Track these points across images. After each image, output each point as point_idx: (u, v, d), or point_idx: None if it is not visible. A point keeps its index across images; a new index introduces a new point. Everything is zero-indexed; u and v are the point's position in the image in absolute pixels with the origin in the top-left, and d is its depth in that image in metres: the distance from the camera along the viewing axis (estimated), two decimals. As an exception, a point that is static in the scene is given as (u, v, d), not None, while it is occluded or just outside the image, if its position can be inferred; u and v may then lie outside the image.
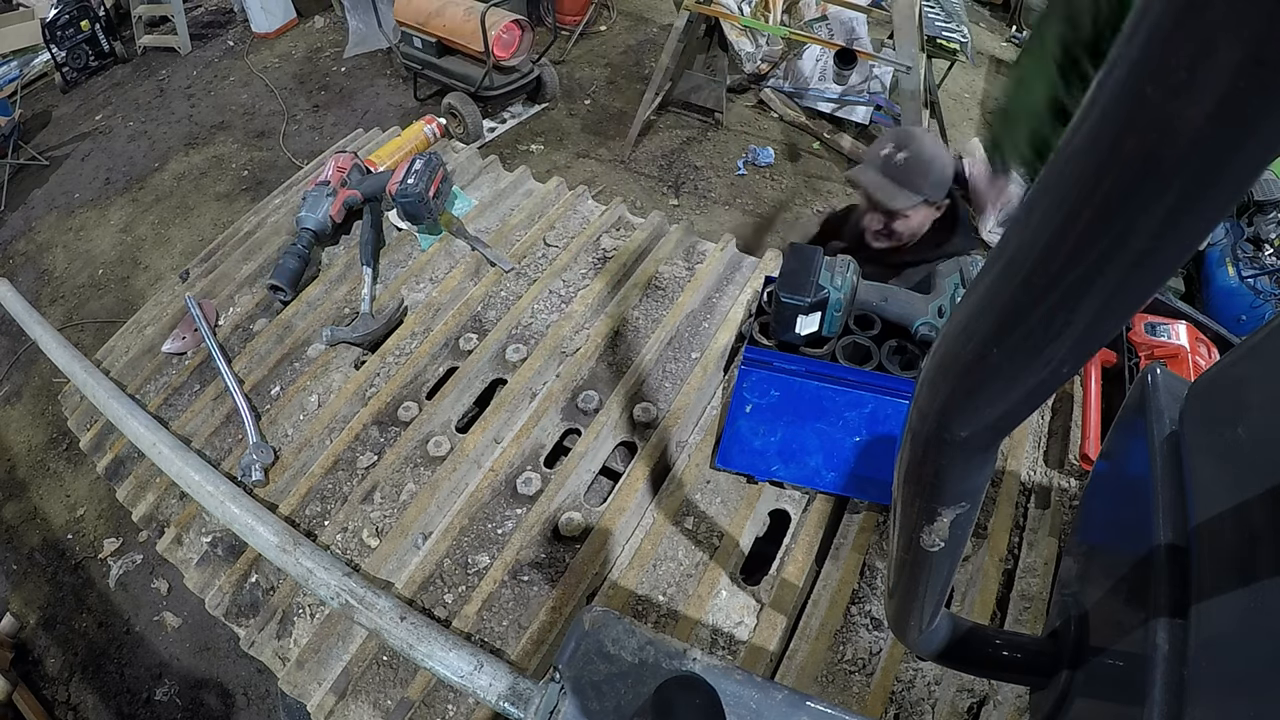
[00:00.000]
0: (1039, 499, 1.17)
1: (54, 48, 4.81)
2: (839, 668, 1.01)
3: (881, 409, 1.18)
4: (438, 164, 1.60)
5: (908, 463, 0.42)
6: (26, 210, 4.18)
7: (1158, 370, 0.63)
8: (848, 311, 1.23)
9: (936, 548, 0.45)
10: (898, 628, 0.56)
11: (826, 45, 3.61)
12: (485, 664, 0.89)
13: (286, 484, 1.27)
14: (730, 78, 4.28)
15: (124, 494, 1.36)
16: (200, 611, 2.37)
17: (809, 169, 4.01)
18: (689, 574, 1.10)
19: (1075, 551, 0.71)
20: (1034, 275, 0.27)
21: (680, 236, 1.60)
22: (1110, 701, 0.51)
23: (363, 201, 1.63)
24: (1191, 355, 1.28)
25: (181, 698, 2.33)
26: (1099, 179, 0.23)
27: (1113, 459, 0.71)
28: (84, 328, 3.48)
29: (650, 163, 4.09)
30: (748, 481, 1.20)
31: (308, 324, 1.48)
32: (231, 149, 4.41)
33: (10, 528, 2.80)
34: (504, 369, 1.38)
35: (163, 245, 3.85)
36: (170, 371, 1.50)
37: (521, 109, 4.43)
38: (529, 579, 1.10)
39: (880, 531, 1.13)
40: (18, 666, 2.38)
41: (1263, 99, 0.18)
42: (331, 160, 1.68)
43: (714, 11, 3.53)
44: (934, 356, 0.36)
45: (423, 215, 1.56)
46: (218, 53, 5.30)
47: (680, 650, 0.73)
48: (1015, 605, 1.05)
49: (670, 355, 1.37)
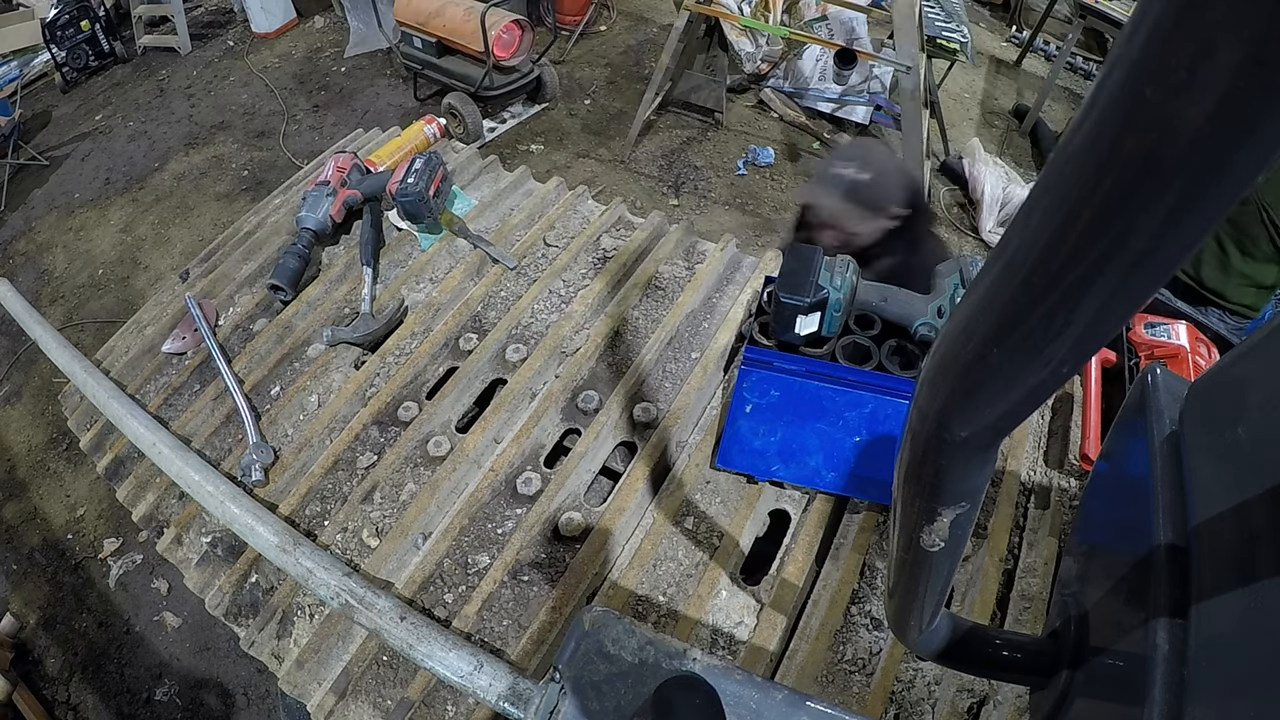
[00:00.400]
0: (1039, 499, 1.17)
1: (54, 48, 4.81)
2: (839, 668, 1.01)
3: (881, 409, 1.18)
4: (438, 163, 1.60)
5: (908, 463, 0.42)
6: (26, 210, 4.18)
7: (1158, 370, 0.63)
8: (847, 311, 1.23)
9: (936, 548, 0.45)
10: (898, 628, 0.56)
11: (826, 45, 3.61)
12: (485, 664, 0.89)
13: (286, 484, 1.27)
14: (730, 78, 4.28)
15: (124, 494, 1.36)
16: (200, 611, 2.38)
17: (809, 169, 4.01)
18: (689, 574, 1.10)
19: (1075, 551, 0.71)
20: (1034, 275, 0.27)
21: (680, 236, 1.60)
22: (1110, 701, 0.51)
23: (363, 201, 1.63)
24: (1191, 355, 1.28)
25: (181, 698, 2.33)
26: (1099, 179, 0.23)
27: (1113, 459, 0.71)
28: (84, 328, 3.48)
29: (650, 163, 4.09)
30: (748, 481, 1.20)
31: (308, 324, 1.48)
32: (231, 149, 4.41)
33: (10, 528, 2.80)
34: (504, 369, 1.38)
35: (163, 245, 3.85)
36: (170, 371, 1.50)
37: (521, 109, 4.43)
38: (529, 579, 1.10)
39: (880, 531, 1.13)
40: (18, 666, 2.38)
41: (1263, 99, 0.18)
42: (331, 160, 1.68)
43: (714, 11, 3.53)
44: (934, 356, 0.36)
45: (423, 214, 1.56)
46: (218, 53, 5.30)
47: (680, 650, 0.73)
48: (1015, 605, 1.05)
49: (670, 355, 1.37)
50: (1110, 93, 0.21)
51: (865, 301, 1.24)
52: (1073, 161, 0.24)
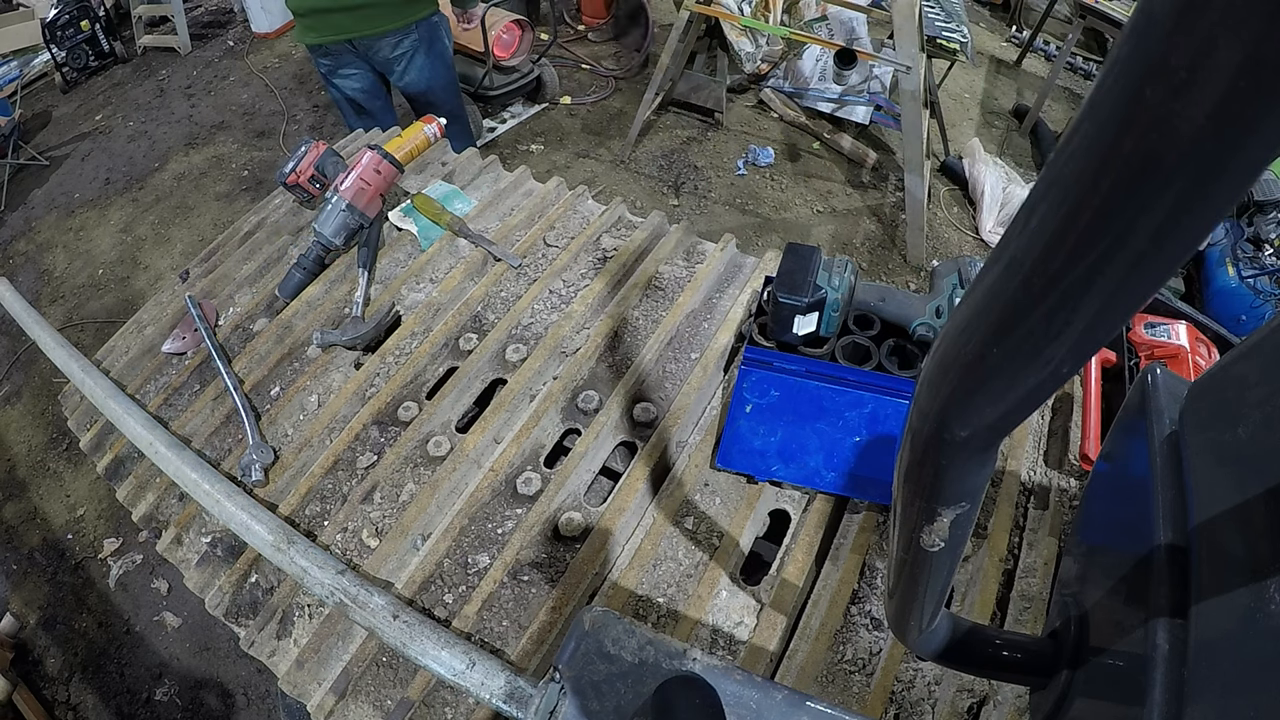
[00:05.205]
0: (1039, 499, 1.17)
1: (54, 48, 4.80)
2: (839, 668, 1.01)
3: (881, 409, 1.18)
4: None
5: (908, 463, 0.42)
6: (26, 210, 4.18)
7: (1158, 370, 0.63)
8: (845, 311, 1.23)
9: (936, 548, 0.45)
10: (898, 628, 0.56)
11: (826, 45, 3.60)
12: (478, 662, 0.89)
13: (286, 484, 1.27)
14: (730, 78, 4.27)
15: (124, 494, 1.36)
16: (200, 611, 2.37)
17: (809, 169, 4.01)
18: (689, 574, 1.10)
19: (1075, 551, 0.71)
20: (1034, 275, 0.27)
21: (680, 236, 1.60)
22: (1110, 702, 0.51)
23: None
24: (1191, 355, 1.28)
25: (181, 698, 2.33)
26: (1099, 179, 0.23)
27: (1113, 459, 0.71)
28: (84, 328, 3.47)
29: (650, 163, 4.08)
30: (748, 481, 1.20)
31: (308, 324, 1.48)
32: (231, 149, 4.41)
33: (10, 528, 2.80)
34: (504, 369, 1.38)
35: (163, 245, 3.85)
36: (170, 371, 1.50)
37: (521, 109, 4.43)
38: (529, 579, 1.10)
39: (880, 531, 1.13)
40: (18, 666, 2.38)
41: (1263, 99, 0.18)
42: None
43: (714, 12, 3.53)
44: (934, 356, 0.36)
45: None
46: (218, 53, 5.30)
47: (680, 650, 0.73)
48: (1015, 605, 1.05)
49: (670, 355, 1.37)
50: (1110, 92, 0.21)
51: (863, 301, 1.25)
52: (1073, 161, 0.24)
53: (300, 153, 1.61)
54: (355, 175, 1.53)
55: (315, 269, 1.54)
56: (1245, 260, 2.93)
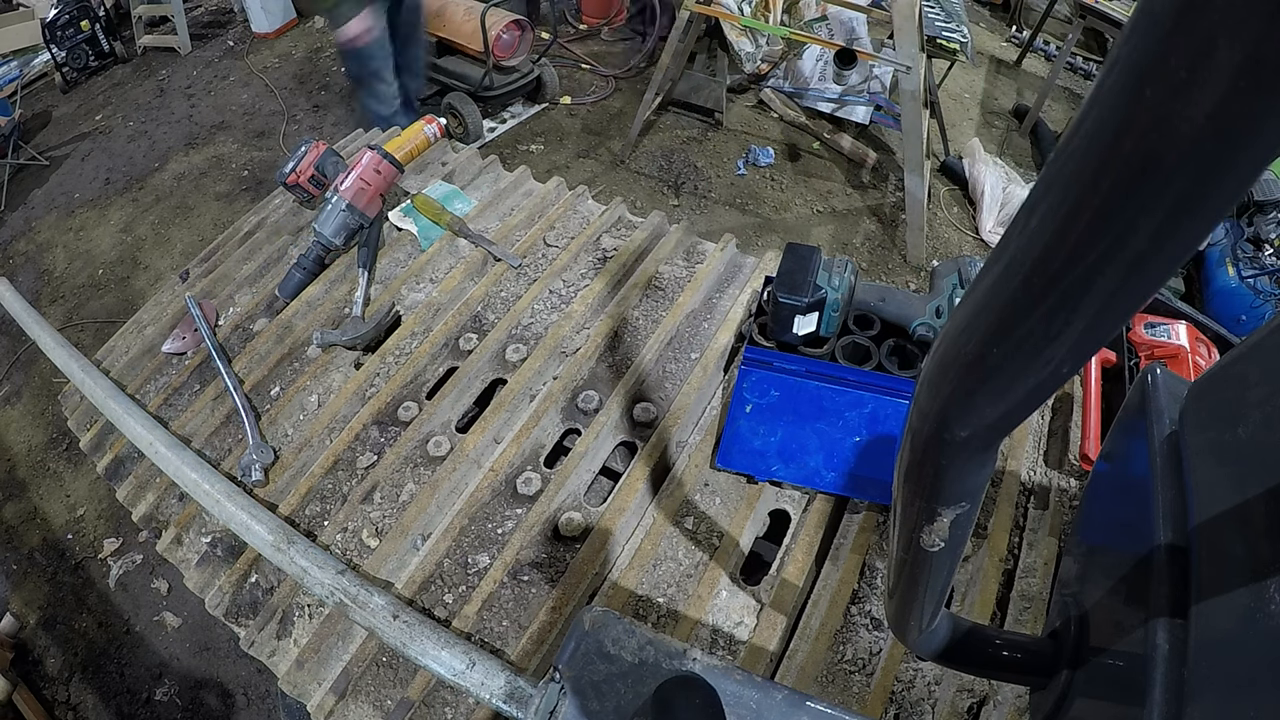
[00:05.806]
0: (1039, 499, 1.17)
1: (54, 48, 4.80)
2: (839, 668, 1.01)
3: (881, 409, 1.18)
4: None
5: (908, 463, 0.42)
6: (26, 210, 4.18)
7: (1158, 370, 0.63)
8: (845, 311, 1.23)
9: (936, 548, 0.45)
10: (898, 628, 0.56)
11: (826, 45, 3.60)
12: (478, 662, 0.89)
13: (286, 484, 1.27)
14: (730, 78, 4.27)
15: (124, 494, 1.36)
16: (200, 611, 2.37)
17: (809, 169, 4.01)
18: (689, 574, 1.10)
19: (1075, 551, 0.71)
20: (1034, 275, 0.27)
21: (680, 236, 1.60)
22: (1110, 702, 0.51)
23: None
24: (1191, 355, 1.28)
25: (181, 698, 2.33)
26: (1099, 179, 0.23)
27: (1113, 459, 0.71)
28: (84, 328, 3.47)
29: (650, 163, 4.08)
30: (748, 481, 1.20)
31: (308, 324, 1.48)
32: (231, 149, 4.41)
33: (10, 528, 2.80)
34: (504, 369, 1.38)
35: (163, 245, 3.85)
36: (170, 371, 1.50)
37: (521, 109, 4.43)
38: (529, 579, 1.10)
39: (880, 531, 1.13)
40: (18, 666, 2.38)
41: (1263, 99, 0.18)
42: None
43: (714, 12, 3.53)
44: (934, 356, 0.36)
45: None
46: (218, 53, 5.30)
47: (680, 650, 0.73)
48: (1015, 605, 1.05)
49: (670, 355, 1.37)
50: (1110, 93, 0.21)
51: (863, 301, 1.24)
52: (1073, 161, 0.24)
53: (300, 153, 1.61)
54: (355, 175, 1.53)
55: (315, 269, 1.55)
56: (1245, 260, 2.93)
